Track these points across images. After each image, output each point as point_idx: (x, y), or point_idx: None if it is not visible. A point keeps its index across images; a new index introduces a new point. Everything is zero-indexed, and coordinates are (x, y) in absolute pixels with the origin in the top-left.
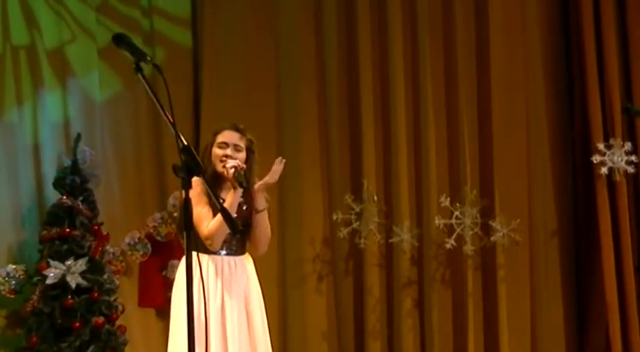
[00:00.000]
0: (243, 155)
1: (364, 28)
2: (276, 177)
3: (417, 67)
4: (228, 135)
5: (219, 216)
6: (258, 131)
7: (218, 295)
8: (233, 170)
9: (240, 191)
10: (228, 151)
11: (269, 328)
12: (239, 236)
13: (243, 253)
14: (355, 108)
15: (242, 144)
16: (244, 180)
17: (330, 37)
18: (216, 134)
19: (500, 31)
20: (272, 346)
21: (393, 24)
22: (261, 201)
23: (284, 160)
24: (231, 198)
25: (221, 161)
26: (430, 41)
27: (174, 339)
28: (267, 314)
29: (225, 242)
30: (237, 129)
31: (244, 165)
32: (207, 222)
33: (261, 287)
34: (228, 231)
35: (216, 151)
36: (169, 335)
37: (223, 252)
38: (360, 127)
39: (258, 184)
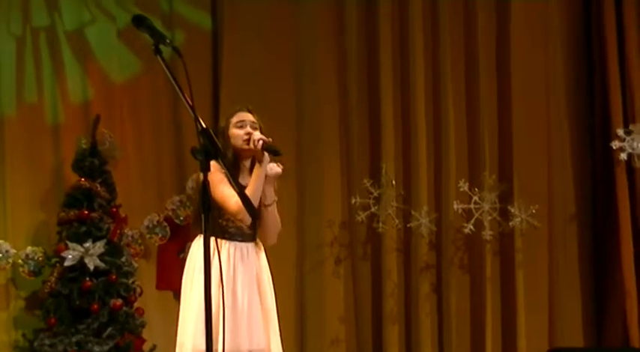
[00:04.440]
0: (259, 133)
1: (385, 11)
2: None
3: (437, 51)
4: (242, 115)
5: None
6: (277, 114)
7: (230, 280)
8: (261, 142)
9: (266, 164)
10: (248, 129)
11: (286, 311)
12: (251, 221)
13: (254, 239)
14: (375, 93)
15: (257, 122)
16: (276, 148)
17: (351, 20)
18: (229, 118)
19: (522, 16)
20: (289, 329)
21: (414, 5)
22: (269, 195)
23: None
24: (257, 171)
25: (244, 139)
26: (450, 25)
27: (185, 322)
28: (285, 297)
29: (239, 228)
30: (248, 110)
31: (269, 139)
32: (234, 198)
33: (279, 271)
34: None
35: (236, 132)
36: (179, 317)
37: (238, 239)
38: (379, 111)
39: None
